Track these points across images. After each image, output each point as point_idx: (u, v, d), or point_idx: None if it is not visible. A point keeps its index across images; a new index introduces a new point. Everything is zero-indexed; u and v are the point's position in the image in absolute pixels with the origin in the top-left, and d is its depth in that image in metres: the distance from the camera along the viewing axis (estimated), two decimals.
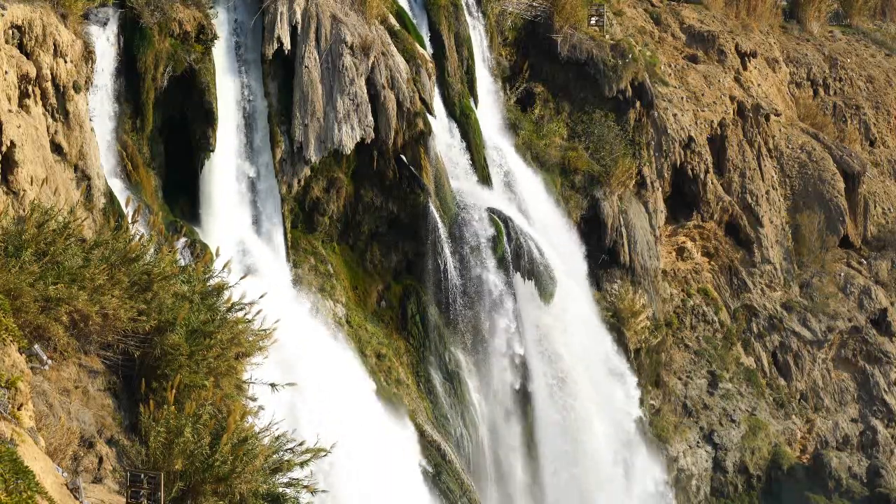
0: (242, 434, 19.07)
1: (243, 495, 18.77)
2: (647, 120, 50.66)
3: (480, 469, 41.08)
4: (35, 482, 13.93)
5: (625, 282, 48.60)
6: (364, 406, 35.96)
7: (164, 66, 34.92)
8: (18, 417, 15.75)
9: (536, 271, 42.29)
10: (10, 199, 27.07)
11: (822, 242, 57.80)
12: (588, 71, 49.54)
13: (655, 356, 50.51)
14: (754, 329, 55.11)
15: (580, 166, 47.91)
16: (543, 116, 49.29)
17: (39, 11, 29.58)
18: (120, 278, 20.24)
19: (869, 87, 66.38)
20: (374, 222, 40.53)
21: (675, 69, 55.83)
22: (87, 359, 20.07)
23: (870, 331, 57.23)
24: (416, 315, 40.71)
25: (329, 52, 38.28)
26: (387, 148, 39.46)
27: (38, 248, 19.72)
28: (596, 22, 52.09)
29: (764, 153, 57.00)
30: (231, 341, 20.98)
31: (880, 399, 56.41)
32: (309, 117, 37.91)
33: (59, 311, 19.18)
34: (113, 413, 19.85)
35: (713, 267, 55.17)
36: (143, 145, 34.99)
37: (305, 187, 38.84)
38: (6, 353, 16.54)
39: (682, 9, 60.53)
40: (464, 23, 44.99)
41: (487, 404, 41.94)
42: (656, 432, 49.09)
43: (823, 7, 68.30)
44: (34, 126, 28.74)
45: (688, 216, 54.01)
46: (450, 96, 43.66)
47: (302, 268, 38.50)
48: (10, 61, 28.38)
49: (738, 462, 51.70)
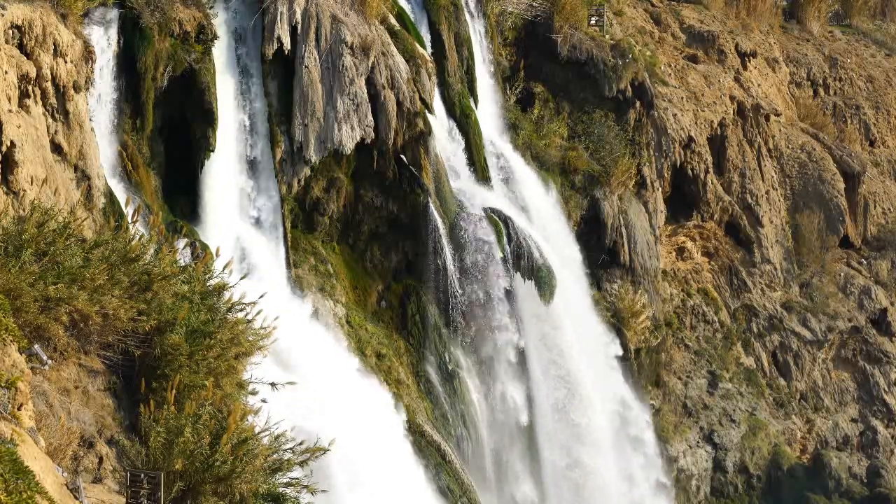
0: (242, 434, 19.06)
1: (243, 495, 18.76)
2: (647, 120, 50.67)
3: (480, 469, 41.08)
4: (35, 482, 13.92)
5: (625, 282, 48.61)
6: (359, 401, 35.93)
7: (164, 66, 34.92)
8: (18, 417, 15.75)
9: (536, 271, 42.30)
10: (10, 199, 27.07)
11: (822, 242, 57.82)
12: (588, 71, 49.55)
13: (655, 356, 50.52)
14: (754, 329, 55.12)
15: (580, 166, 47.91)
16: (543, 116, 49.29)
17: (39, 11, 29.57)
18: (120, 278, 20.22)
19: (869, 87, 66.40)
20: (374, 222, 40.53)
21: (675, 69, 55.84)
22: (87, 359, 20.06)
23: (870, 331, 57.25)
24: (416, 315, 40.71)
25: (329, 52, 38.28)
26: (387, 148, 39.46)
27: (38, 248, 19.70)
28: (596, 22, 52.10)
29: (764, 153, 57.00)
30: (231, 341, 20.96)
31: (880, 399, 56.42)
32: (309, 117, 37.91)
33: (59, 311, 19.17)
34: (113, 413, 19.85)
35: (713, 267, 55.18)
36: (143, 145, 34.99)
37: (305, 187, 38.84)
38: (6, 353, 16.54)
39: (682, 9, 60.55)
40: (464, 23, 44.99)
41: (487, 404, 41.93)
42: (656, 432, 49.11)
43: (823, 7, 68.32)
44: (34, 126, 28.74)
45: (688, 216, 54.03)
46: (450, 96, 43.66)
47: (302, 268, 38.51)
48: (10, 61, 28.38)
49: (738, 462, 51.71)
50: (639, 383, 48.22)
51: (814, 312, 56.20)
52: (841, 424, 55.27)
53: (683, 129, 52.73)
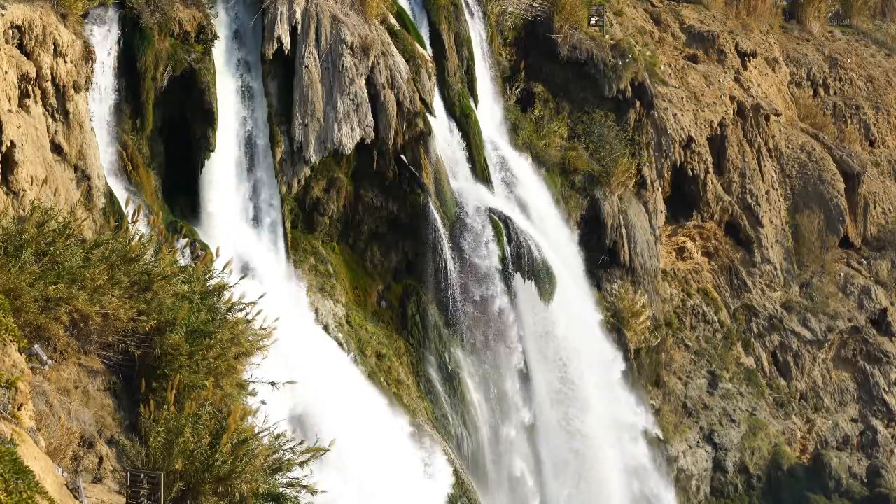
0: (242, 434, 19.06)
1: (243, 495, 18.76)
2: (647, 120, 50.67)
3: (480, 469, 41.09)
4: (35, 482, 13.92)
5: (625, 282, 48.62)
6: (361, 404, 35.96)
7: (164, 66, 34.91)
8: (18, 417, 15.75)
9: (536, 271, 42.28)
10: (10, 199, 27.06)
11: (822, 242, 57.82)
12: (588, 71, 49.54)
13: (655, 356, 50.53)
14: (754, 329, 55.12)
15: (580, 166, 47.91)
16: (543, 116, 49.29)
17: (39, 11, 29.57)
18: (120, 278, 20.23)
19: (869, 87, 66.40)
20: (374, 222, 40.53)
21: (675, 69, 55.84)
22: (87, 359, 20.06)
23: (870, 331, 57.26)
24: (416, 315, 40.70)
25: (329, 52, 38.28)
26: (387, 148, 39.46)
27: (38, 248, 19.70)
28: (596, 22, 52.09)
29: (764, 153, 57.00)
30: (231, 341, 20.97)
31: (880, 399, 56.42)
32: (309, 117, 37.91)
33: (59, 311, 19.17)
34: (113, 413, 19.85)
35: (713, 267, 55.18)
36: (143, 145, 34.98)
37: (305, 187, 38.84)
38: (6, 353, 16.54)
39: (682, 9, 60.55)
40: (464, 23, 44.98)
41: (487, 404, 41.94)
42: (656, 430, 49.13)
43: (823, 7, 68.33)
44: (34, 126, 28.74)
45: (688, 216, 54.02)
46: (450, 96, 43.65)
47: (302, 268, 38.51)
48: (10, 61, 28.38)
49: (738, 462, 51.71)
50: (639, 382, 48.22)
51: (814, 312, 56.20)
52: (841, 424, 55.27)
53: (683, 129, 52.72)
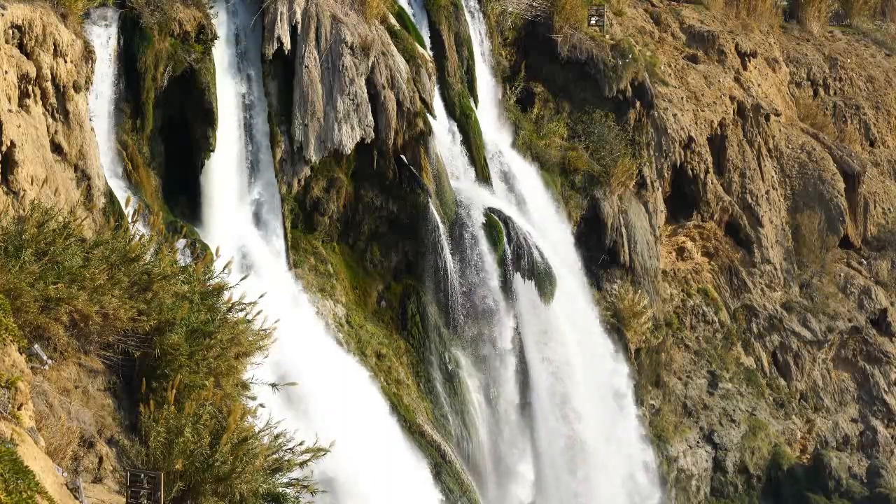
0: (242, 434, 19.07)
1: (243, 495, 18.77)
2: (647, 120, 50.65)
3: (480, 469, 41.08)
4: (35, 482, 13.93)
5: (625, 282, 48.62)
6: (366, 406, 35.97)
7: (164, 66, 34.90)
8: (18, 417, 15.75)
9: (536, 271, 42.29)
10: (10, 199, 27.05)
11: (822, 242, 57.79)
12: (588, 71, 49.53)
13: (655, 356, 50.52)
14: (754, 329, 55.10)
15: (580, 166, 47.90)
16: (543, 116, 49.29)
17: (39, 11, 29.56)
18: (120, 278, 20.24)
19: (869, 87, 66.38)
20: (374, 222, 40.53)
21: (675, 69, 55.83)
22: (87, 359, 20.07)
23: (870, 331, 57.24)
24: (416, 315, 40.70)
25: (329, 52, 38.28)
26: (387, 148, 39.46)
27: (38, 248, 19.70)
28: (596, 22, 52.08)
29: (764, 153, 56.99)
30: (231, 341, 20.99)
31: (880, 399, 56.42)
32: (309, 117, 37.91)
33: (59, 311, 19.18)
34: (113, 413, 19.86)
35: (713, 267, 55.17)
36: (143, 145, 34.98)
37: (305, 187, 38.84)
38: (6, 353, 16.54)
39: (682, 9, 60.53)
40: (464, 23, 45.00)
41: (487, 404, 41.95)
42: (656, 432, 49.11)
43: (823, 7, 68.29)
44: (34, 126, 28.73)
45: (688, 216, 54.00)
46: (450, 96, 43.66)
47: (302, 268, 38.51)
48: (10, 61, 28.37)
49: (738, 462, 51.69)
50: (638, 382, 48.21)
51: (814, 312, 56.18)
52: (841, 424, 55.26)
53: (683, 129, 52.71)
